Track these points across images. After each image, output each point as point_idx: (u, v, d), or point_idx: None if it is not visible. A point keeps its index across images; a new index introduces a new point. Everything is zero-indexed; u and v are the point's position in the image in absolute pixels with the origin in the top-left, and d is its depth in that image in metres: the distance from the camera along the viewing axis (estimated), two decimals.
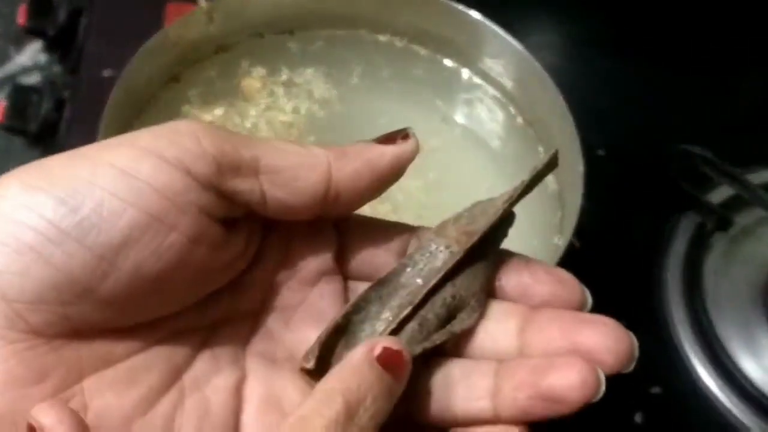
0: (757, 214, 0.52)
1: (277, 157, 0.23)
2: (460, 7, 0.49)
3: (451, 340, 0.25)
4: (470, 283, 0.25)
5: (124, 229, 0.20)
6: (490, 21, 0.48)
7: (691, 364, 0.48)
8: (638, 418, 0.47)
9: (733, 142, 0.55)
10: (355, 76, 0.52)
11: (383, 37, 0.52)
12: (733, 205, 0.53)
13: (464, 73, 0.52)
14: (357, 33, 0.52)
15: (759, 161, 0.55)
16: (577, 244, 0.43)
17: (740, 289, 0.50)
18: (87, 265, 0.20)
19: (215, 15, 0.49)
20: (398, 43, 0.53)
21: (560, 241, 0.44)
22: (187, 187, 0.21)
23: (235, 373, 0.24)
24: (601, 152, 0.56)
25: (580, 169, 0.43)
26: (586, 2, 0.63)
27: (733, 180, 0.51)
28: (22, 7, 0.56)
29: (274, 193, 0.23)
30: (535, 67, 0.47)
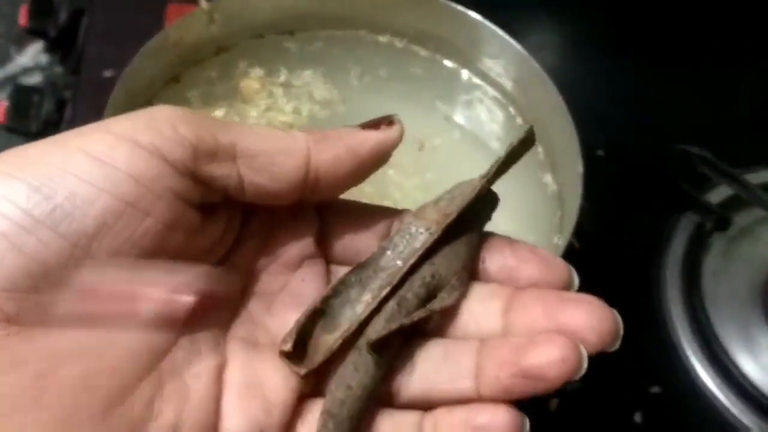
0: (756, 214, 0.52)
1: (254, 141, 0.23)
2: (460, 8, 0.49)
3: (433, 320, 0.25)
4: (450, 263, 0.25)
5: (98, 216, 0.20)
6: (490, 21, 0.48)
7: (690, 364, 0.48)
8: (638, 418, 0.48)
9: (732, 143, 0.55)
10: (355, 76, 0.52)
11: (383, 38, 0.53)
12: (731, 205, 0.53)
13: (464, 74, 0.52)
14: (357, 33, 0.52)
15: (758, 161, 0.55)
16: (577, 244, 0.44)
17: (739, 289, 0.50)
18: (61, 253, 0.20)
19: (216, 16, 0.49)
20: (398, 44, 0.53)
21: (560, 241, 0.44)
22: (163, 173, 0.21)
23: (216, 359, 0.24)
24: (600, 152, 0.56)
25: (579, 169, 0.43)
26: (586, 3, 0.63)
27: (732, 180, 0.51)
28: (24, 8, 0.56)
29: (252, 179, 0.23)
30: (535, 67, 0.47)
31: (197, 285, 0.24)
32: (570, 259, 0.30)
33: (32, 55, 0.60)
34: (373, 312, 0.24)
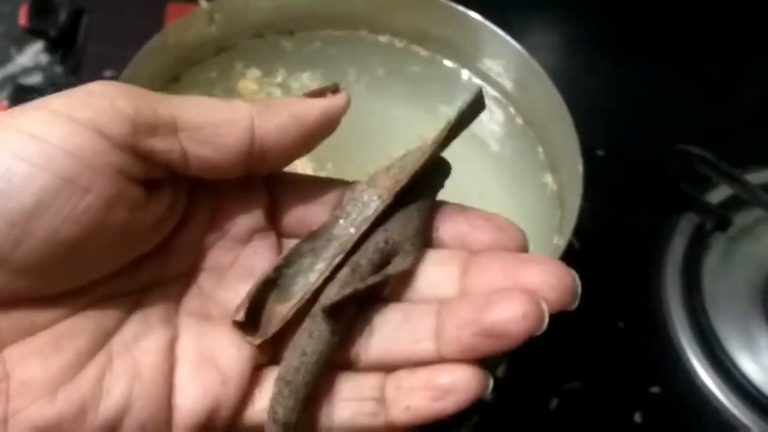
0: (756, 214, 0.52)
1: (196, 113, 0.22)
2: (460, 8, 0.49)
3: (389, 285, 0.25)
4: (403, 228, 0.24)
5: (36, 194, 0.20)
6: (490, 22, 0.48)
7: (690, 364, 0.48)
8: (637, 418, 0.48)
9: (732, 143, 0.55)
10: (355, 76, 0.52)
11: (383, 38, 0.53)
12: (731, 205, 0.53)
13: (464, 74, 0.52)
14: (357, 34, 0.52)
15: (757, 161, 0.55)
16: (577, 244, 0.44)
17: (739, 289, 0.50)
18: (3, 233, 0.20)
19: (216, 16, 0.49)
20: (398, 44, 0.53)
21: (559, 241, 0.44)
22: (102, 149, 0.21)
23: (167, 334, 0.24)
24: (600, 152, 0.56)
25: (579, 169, 0.43)
26: (586, 3, 0.63)
27: (732, 180, 0.51)
28: (24, 8, 0.56)
29: (195, 152, 0.22)
30: (535, 67, 0.47)
31: None
32: (570, 259, 0.30)
33: (32, 55, 0.60)
34: (327, 280, 0.24)
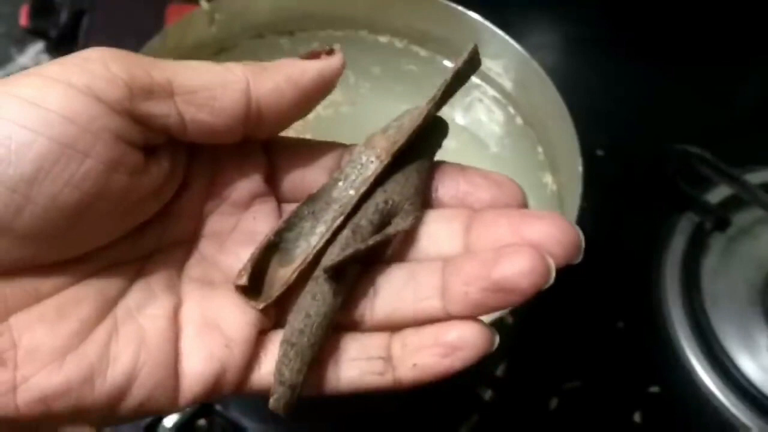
0: (755, 213, 0.52)
1: (190, 76, 0.22)
2: (460, 8, 0.49)
3: (391, 246, 0.25)
4: (402, 188, 0.24)
5: (35, 160, 0.20)
6: (490, 22, 0.48)
7: (690, 364, 0.48)
8: (637, 417, 0.48)
9: (732, 143, 0.55)
10: (355, 76, 0.52)
11: (383, 38, 0.53)
12: (731, 204, 0.53)
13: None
14: (357, 34, 0.53)
15: (757, 161, 0.55)
16: None
17: (738, 289, 0.50)
18: (0, 201, 0.20)
19: (216, 16, 0.49)
20: (398, 44, 0.53)
21: None
22: (99, 113, 0.21)
23: (171, 300, 0.24)
24: (599, 152, 0.56)
25: (579, 169, 0.43)
26: (585, 3, 0.63)
27: (731, 180, 0.51)
28: (25, 8, 0.56)
29: (192, 115, 0.22)
30: (535, 67, 0.47)
31: None
32: None
33: (33, 56, 0.61)
34: (328, 242, 0.24)
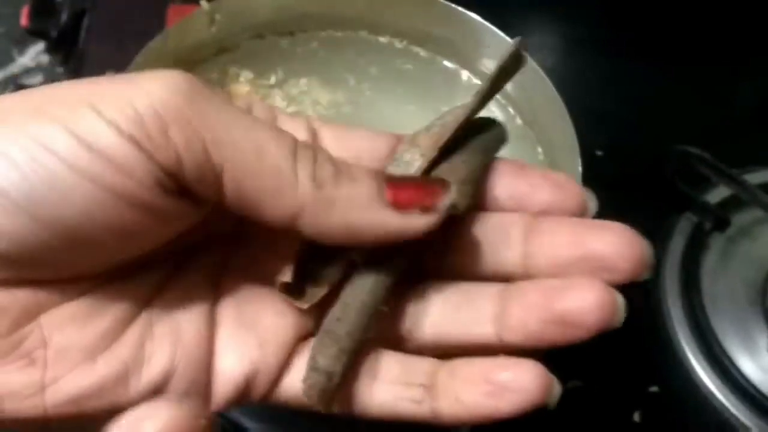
0: (755, 214, 0.52)
1: (245, 172, 0.20)
2: (460, 9, 0.49)
3: (442, 246, 0.23)
4: (446, 177, 0.23)
5: (82, 204, 0.19)
6: (490, 22, 0.48)
7: (689, 364, 0.48)
8: (636, 417, 0.48)
9: (731, 143, 0.55)
10: (355, 77, 0.52)
11: (383, 39, 0.53)
12: (730, 205, 0.53)
13: (464, 75, 0.52)
14: (357, 34, 0.53)
15: (756, 161, 0.55)
16: None
17: (738, 289, 0.50)
18: (40, 239, 0.19)
19: (216, 16, 0.49)
20: (398, 45, 0.53)
21: None
22: (146, 167, 0.19)
23: (209, 298, 0.23)
24: (599, 152, 0.56)
25: (578, 169, 0.43)
26: (585, 3, 0.63)
27: (731, 180, 0.51)
28: (25, 9, 0.56)
29: (233, 205, 0.21)
30: (534, 68, 0.47)
31: None
32: None
33: (33, 56, 0.61)
34: None
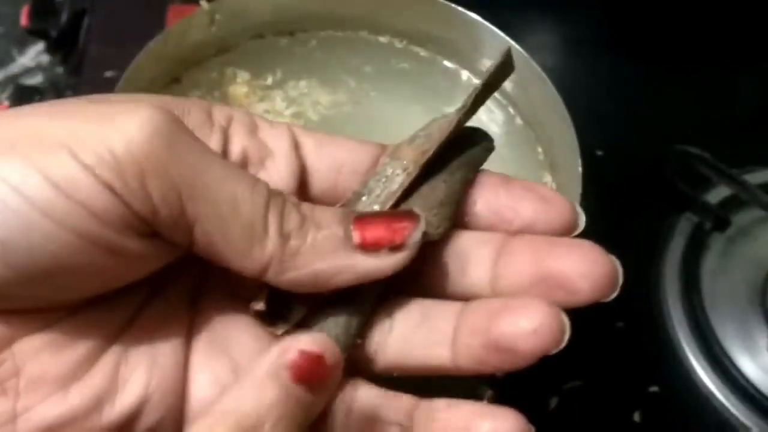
0: (755, 214, 0.52)
1: (217, 230, 0.19)
2: (460, 9, 0.49)
3: (414, 270, 0.22)
4: (425, 201, 0.22)
5: (57, 255, 0.18)
6: (490, 22, 0.49)
7: (689, 363, 0.48)
8: (636, 417, 0.48)
9: (731, 143, 0.55)
10: (355, 77, 0.52)
11: (383, 39, 0.53)
12: (730, 205, 0.53)
13: (464, 75, 0.52)
14: (357, 34, 0.53)
15: (756, 161, 0.55)
16: None
17: (738, 289, 0.50)
18: (13, 286, 0.19)
19: (216, 16, 0.49)
20: (398, 45, 0.53)
21: None
22: (122, 215, 0.19)
23: (186, 321, 0.22)
24: (599, 153, 0.56)
25: (578, 169, 0.43)
26: (585, 3, 0.63)
27: (731, 180, 0.51)
28: (25, 9, 0.56)
29: (202, 254, 0.20)
30: (534, 68, 0.47)
31: None
32: None
33: (33, 56, 0.61)
34: None
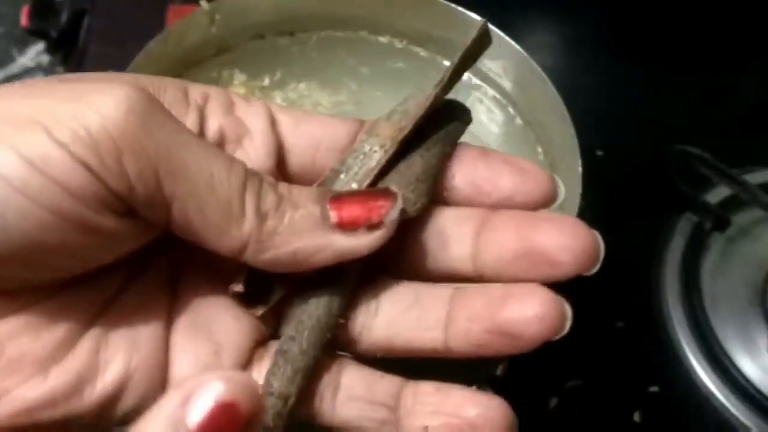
0: (755, 214, 0.52)
1: (194, 208, 0.19)
2: (460, 9, 0.49)
3: (396, 245, 0.22)
4: (402, 177, 0.22)
5: (30, 231, 0.18)
6: (490, 22, 0.48)
7: (689, 363, 0.48)
8: (636, 417, 0.48)
9: (731, 143, 0.56)
10: (354, 77, 0.52)
11: (383, 39, 0.53)
12: (730, 205, 0.53)
13: (464, 74, 0.53)
14: (357, 34, 0.53)
15: (756, 161, 0.55)
16: None
17: (738, 289, 0.50)
18: None
19: (216, 16, 0.49)
20: (398, 45, 0.53)
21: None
22: (97, 192, 0.19)
23: (166, 301, 0.22)
24: (599, 153, 0.56)
25: (578, 169, 0.43)
26: (585, 4, 0.63)
27: (731, 180, 0.51)
28: (25, 9, 0.56)
29: (179, 233, 0.20)
30: (534, 68, 0.47)
31: None
32: None
33: (33, 56, 0.61)
34: None
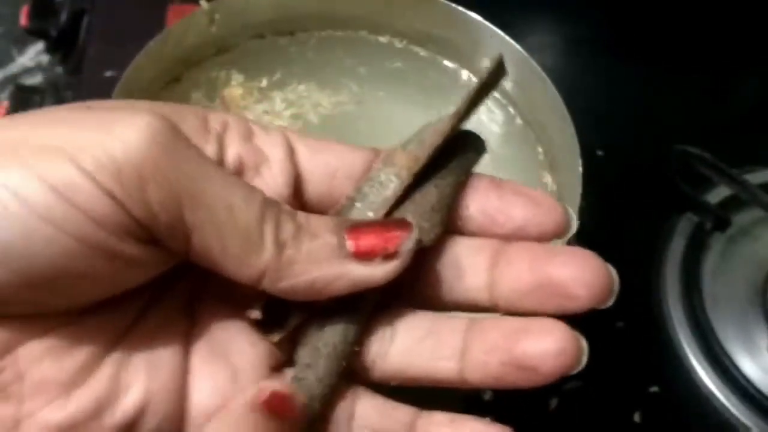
0: (755, 214, 0.52)
1: (213, 237, 0.20)
2: (460, 8, 0.49)
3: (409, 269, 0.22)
4: (417, 207, 0.23)
5: (57, 259, 0.18)
6: (490, 22, 0.48)
7: (690, 364, 0.48)
8: (637, 417, 0.48)
9: (732, 143, 0.55)
10: (355, 77, 0.52)
11: (383, 39, 0.53)
12: (731, 205, 0.53)
13: (464, 74, 0.53)
14: (357, 34, 0.53)
15: (757, 161, 0.55)
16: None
17: (738, 289, 0.50)
18: (9, 284, 0.19)
19: (216, 16, 0.49)
20: (398, 45, 0.53)
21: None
22: (118, 221, 0.19)
23: (185, 326, 0.22)
24: (599, 152, 0.56)
25: (578, 169, 0.43)
26: (585, 3, 0.63)
27: (731, 180, 0.51)
28: (25, 9, 0.56)
29: (198, 262, 0.20)
30: (534, 68, 0.47)
31: None
32: None
33: (33, 56, 0.61)
34: None
